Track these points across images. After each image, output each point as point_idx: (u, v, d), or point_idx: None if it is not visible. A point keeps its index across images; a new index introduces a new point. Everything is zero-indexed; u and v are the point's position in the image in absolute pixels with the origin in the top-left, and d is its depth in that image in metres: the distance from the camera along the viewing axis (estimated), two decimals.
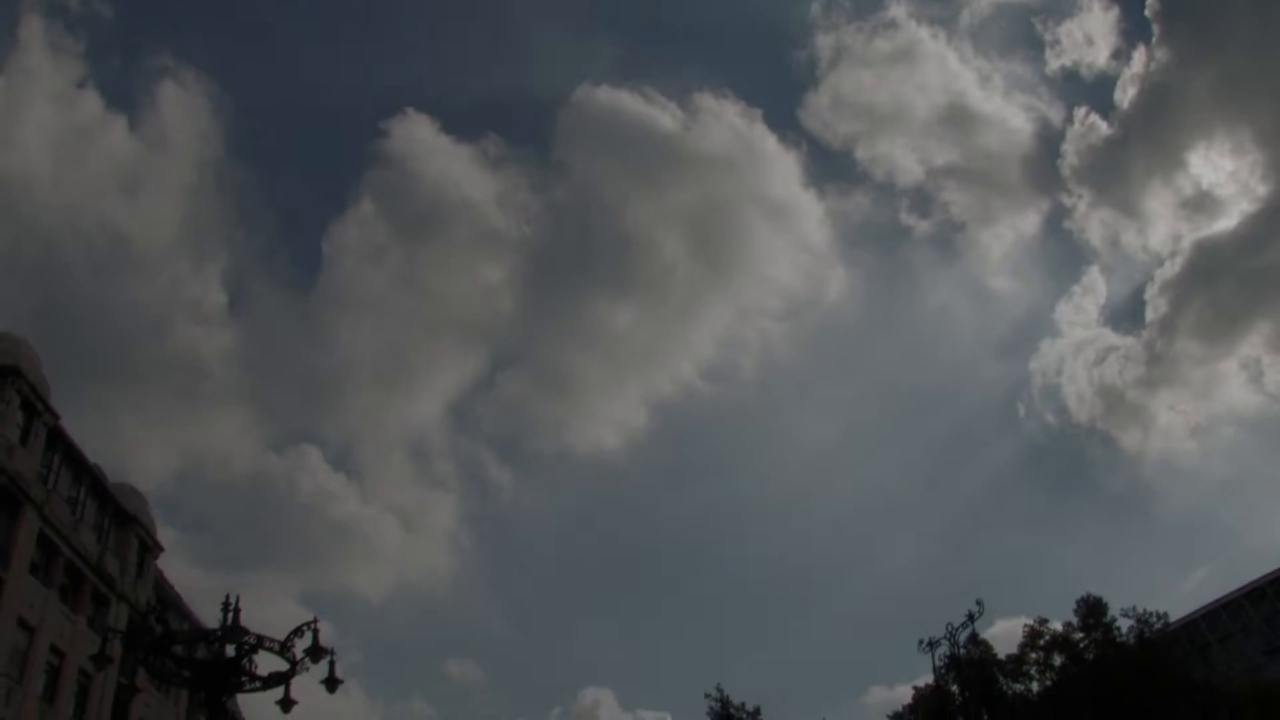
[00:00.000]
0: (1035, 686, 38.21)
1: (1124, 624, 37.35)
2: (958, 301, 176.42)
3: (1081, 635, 37.77)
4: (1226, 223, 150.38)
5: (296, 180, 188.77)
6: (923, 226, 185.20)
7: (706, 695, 48.88)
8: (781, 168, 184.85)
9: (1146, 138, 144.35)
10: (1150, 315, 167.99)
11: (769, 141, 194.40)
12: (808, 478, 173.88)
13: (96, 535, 47.01)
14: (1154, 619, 37.23)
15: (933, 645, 28.07)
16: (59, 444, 44.39)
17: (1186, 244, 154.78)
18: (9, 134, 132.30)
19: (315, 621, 13.94)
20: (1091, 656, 37.17)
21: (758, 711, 48.71)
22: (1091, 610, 37.58)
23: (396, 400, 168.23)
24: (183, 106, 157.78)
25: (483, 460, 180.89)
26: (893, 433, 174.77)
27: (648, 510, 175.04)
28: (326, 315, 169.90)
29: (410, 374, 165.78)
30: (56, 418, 43.51)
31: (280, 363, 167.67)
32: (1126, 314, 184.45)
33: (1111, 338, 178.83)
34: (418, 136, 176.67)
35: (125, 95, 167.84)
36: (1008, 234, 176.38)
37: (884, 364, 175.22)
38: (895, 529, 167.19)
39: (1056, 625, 38.16)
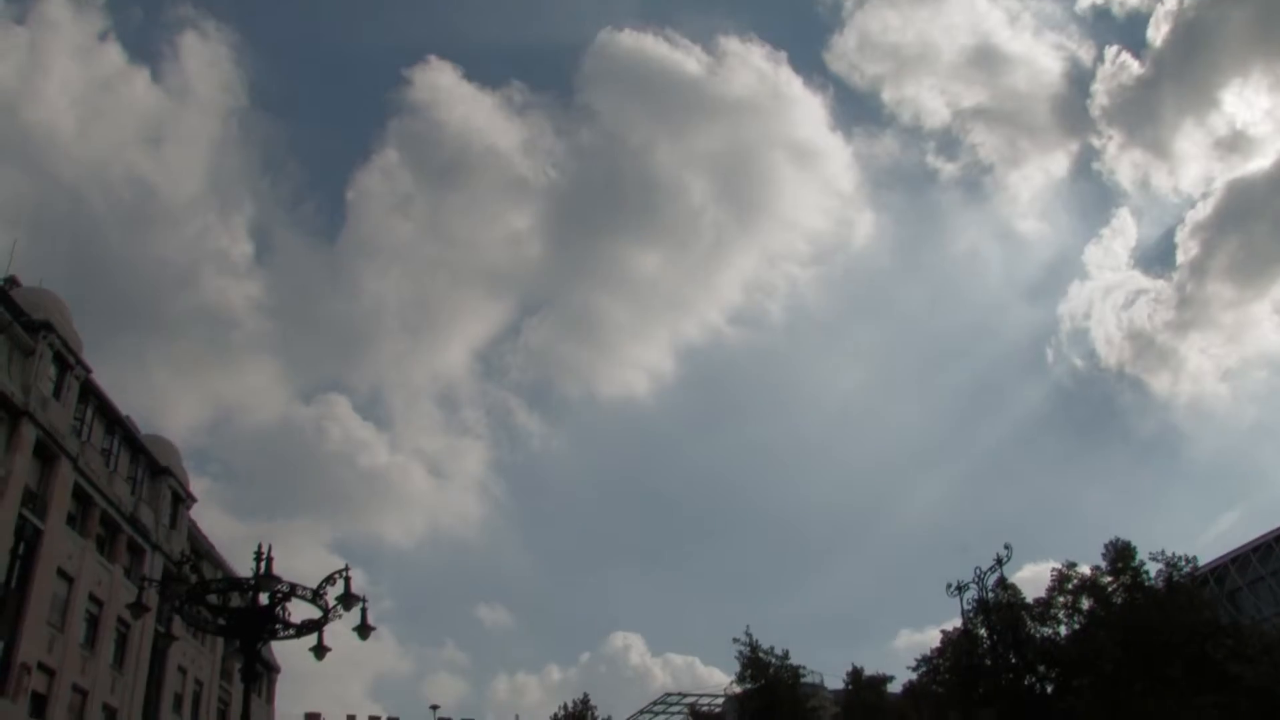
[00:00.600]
0: (1063, 630, 38.28)
1: (1152, 568, 37.31)
2: (986, 245, 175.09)
3: (1109, 579, 37.74)
4: (1261, 162, 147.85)
5: (320, 130, 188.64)
6: (950, 169, 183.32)
7: (735, 640, 49.28)
8: (808, 111, 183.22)
9: (1179, 76, 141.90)
10: (1181, 258, 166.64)
11: (795, 84, 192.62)
12: (836, 423, 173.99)
13: (130, 487, 47.64)
14: (1182, 563, 37.14)
15: (961, 589, 28.19)
16: (91, 397, 44.90)
17: (1219, 185, 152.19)
18: (33, 88, 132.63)
19: (346, 569, 14.09)
20: (1119, 600, 37.17)
21: (786, 655, 49.08)
22: (1119, 554, 37.51)
23: (424, 348, 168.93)
24: (205, 57, 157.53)
25: (511, 407, 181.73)
26: (920, 377, 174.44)
27: (676, 456, 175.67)
28: (353, 264, 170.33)
29: (437, 322, 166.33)
30: (88, 371, 43.96)
31: (308, 312, 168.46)
32: (1156, 257, 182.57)
33: (1141, 280, 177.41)
34: (441, 84, 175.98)
35: (147, 47, 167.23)
36: (1036, 176, 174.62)
37: (912, 308, 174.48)
38: (923, 473, 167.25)
39: (1084, 569, 38.14)
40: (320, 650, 14.68)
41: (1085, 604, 38.02)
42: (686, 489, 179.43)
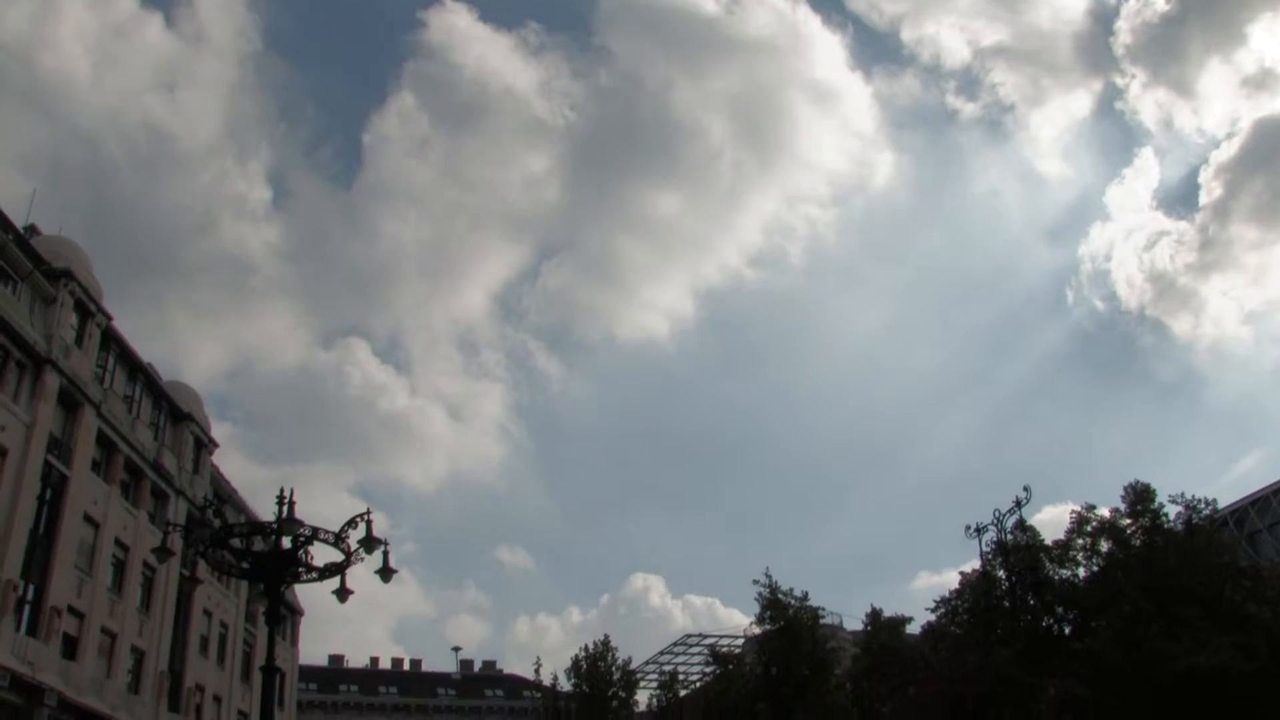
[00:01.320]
0: (1081, 572, 38.30)
1: (1172, 510, 37.18)
2: (1006, 185, 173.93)
3: (1128, 522, 37.67)
4: None
5: (336, 74, 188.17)
6: (971, 109, 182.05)
7: (755, 581, 49.53)
8: (826, 50, 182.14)
9: (1205, 12, 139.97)
10: (1204, 199, 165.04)
11: (813, 23, 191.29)
12: (855, 365, 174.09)
13: (153, 433, 48.09)
14: (1202, 505, 36.99)
15: (980, 531, 28.24)
16: (113, 344, 45.23)
17: (1245, 124, 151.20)
18: (47, 36, 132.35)
19: (368, 513, 14.18)
20: (1138, 543, 37.14)
21: (806, 597, 49.33)
22: (1139, 497, 37.40)
23: (443, 292, 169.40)
24: (218, 2, 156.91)
25: (530, 350, 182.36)
26: (940, 319, 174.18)
27: (695, 398, 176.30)
28: (371, 209, 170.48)
29: (456, 266, 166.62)
30: (109, 318, 44.25)
31: (326, 257, 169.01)
32: (1179, 198, 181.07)
33: (1163, 222, 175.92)
34: (456, 26, 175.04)
35: None
36: (1058, 116, 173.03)
37: (931, 249, 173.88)
38: (942, 416, 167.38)
39: (1103, 512, 38.08)
40: (343, 593, 14.80)
41: (1104, 546, 38.01)
42: (706, 431, 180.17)
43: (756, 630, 50.55)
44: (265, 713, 14.79)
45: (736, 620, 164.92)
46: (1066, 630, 38.74)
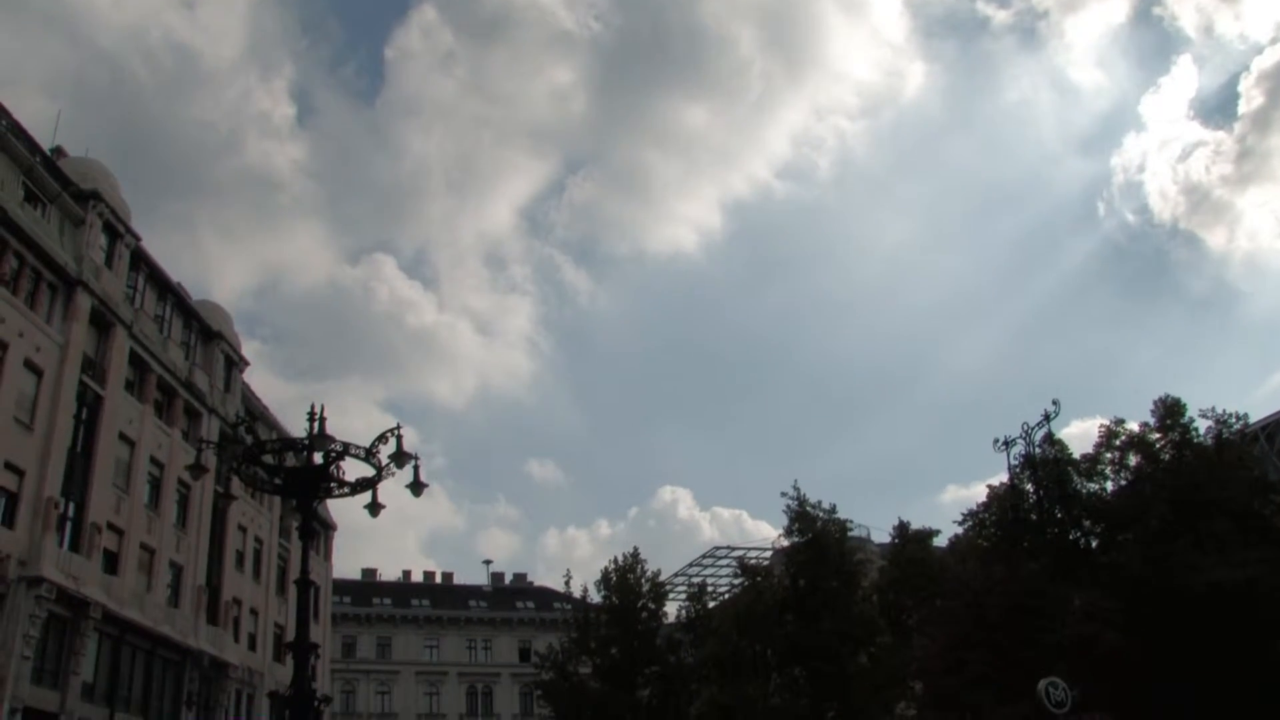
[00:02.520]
0: (1109, 486, 38.28)
1: (1202, 425, 37.01)
2: (1038, 95, 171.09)
3: (1158, 436, 37.53)
4: None
5: None
6: (1003, 16, 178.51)
7: (783, 494, 49.79)
8: None
9: None
10: (1243, 108, 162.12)
11: None
12: (884, 277, 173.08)
13: (184, 352, 48.52)
14: (1233, 420, 36.80)
15: (1008, 445, 28.21)
16: (142, 265, 45.47)
17: None
18: None
19: (398, 428, 14.26)
20: (1167, 457, 37.04)
21: (834, 509, 49.60)
22: (1169, 411, 37.22)
23: (469, 207, 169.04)
24: None
25: (558, 264, 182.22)
26: (969, 231, 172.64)
27: (724, 311, 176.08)
28: (395, 124, 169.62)
29: (482, 180, 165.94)
30: (138, 239, 44.43)
31: (352, 174, 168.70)
32: (1217, 107, 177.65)
33: (1200, 132, 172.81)
34: None
35: None
36: (1093, 23, 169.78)
37: (962, 160, 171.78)
38: (971, 328, 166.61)
39: (1133, 426, 37.97)
40: (374, 507, 14.96)
41: (1132, 460, 37.93)
42: (735, 344, 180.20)
43: (784, 543, 50.90)
44: (300, 625, 15.04)
45: (764, 532, 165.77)
46: (1093, 544, 38.86)
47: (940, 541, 51.60)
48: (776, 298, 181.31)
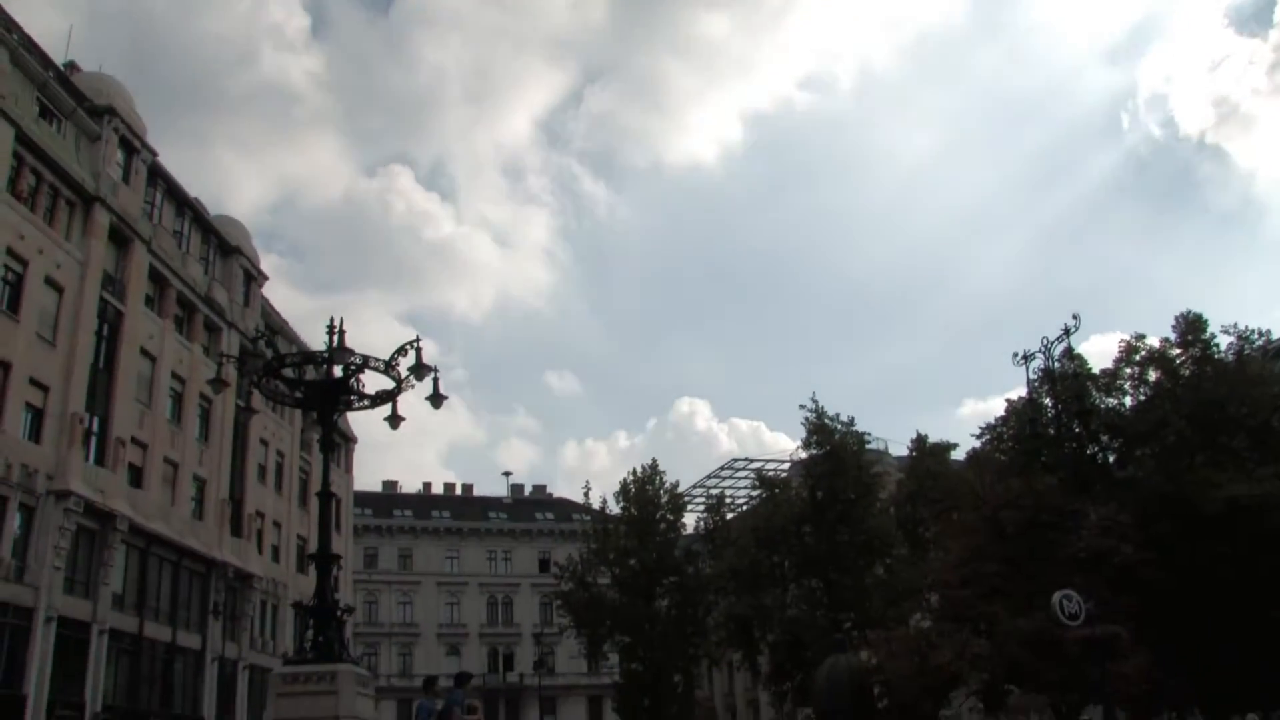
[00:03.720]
0: (1128, 401, 38.20)
1: (1224, 341, 36.77)
2: (1066, 3, 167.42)
3: (1178, 351, 37.31)
4: None
5: None
6: None
7: (801, 406, 50.02)
8: None
9: None
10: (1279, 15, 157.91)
11: None
12: (904, 189, 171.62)
13: (203, 267, 48.62)
14: (1255, 336, 36.56)
15: (1027, 359, 27.96)
16: (159, 180, 45.37)
17: None
18: None
19: (417, 340, 14.28)
20: (1187, 373, 36.88)
21: (852, 422, 49.81)
22: (1190, 326, 36.95)
23: (486, 118, 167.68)
24: None
25: (575, 175, 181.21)
26: (991, 143, 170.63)
27: (743, 223, 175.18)
28: (411, 35, 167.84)
29: (498, 91, 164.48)
30: (154, 154, 44.30)
31: (368, 85, 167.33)
32: (1252, 14, 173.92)
33: (1233, 41, 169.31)
34: None
35: None
36: None
37: (985, 71, 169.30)
38: (993, 241, 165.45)
39: (1153, 341, 37.77)
40: (394, 419, 15.02)
41: (1152, 376, 37.79)
42: (754, 255, 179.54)
43: (802, 455, 51.18)
44: (323, 536, 15.25)
45: (783, 444, 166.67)
46: (1111, 459, 38.91)
47: (958, 455, 51.75)
48: (796, 209, 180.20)
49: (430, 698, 14.68)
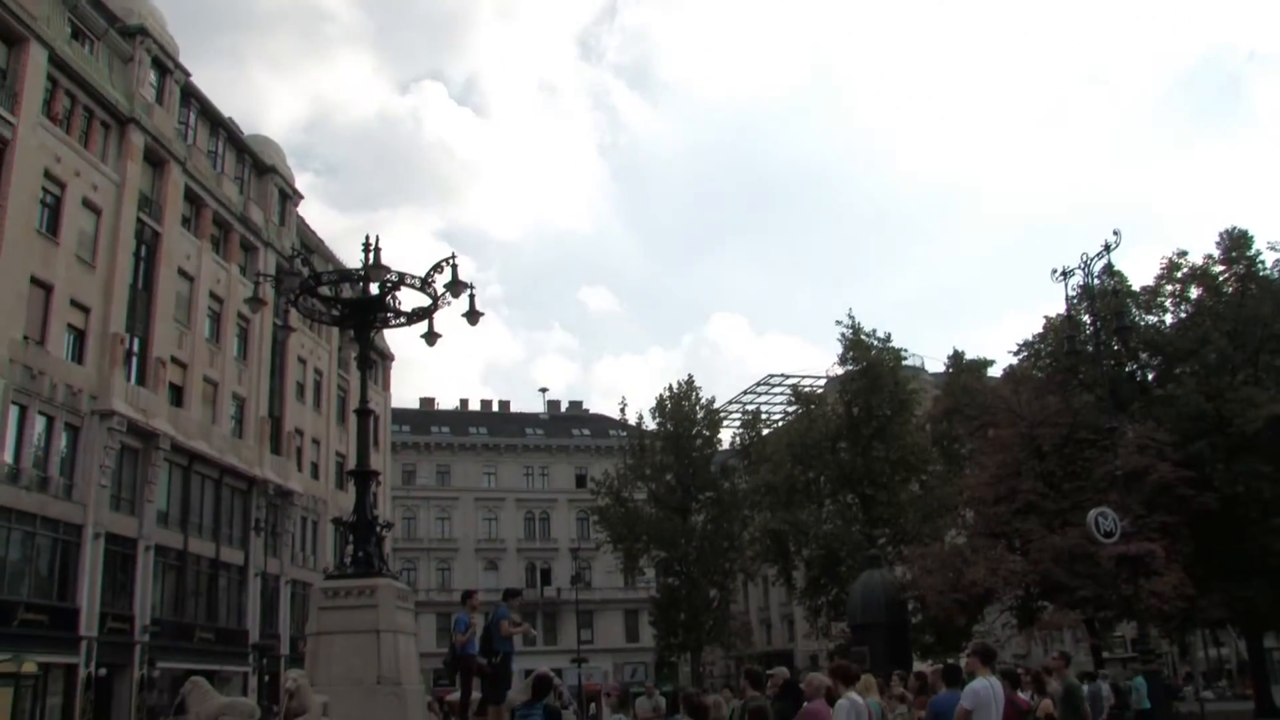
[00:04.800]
0: (1168, 319, 37.81)
1: (1269, 258, 36.23)
2: None
3: (1221, 268, 36.82)
4: None
5: None
6: None
7: (837, 322, 49.88)
8: None
9: None
10: None
11: None
12: (944, 100, 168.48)
13: (238, 187, 48.66)
14: None
15: (1066, 275, 27.54)
16: (193, 100, 45.26)
17: None
18: None
19: (453, 257, 14.22)
20: (1230, 290, 36.40)
21: (888, 338, 49.63)
22: (1235, 243, 36.39)
23: (519, 33, 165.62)
24: None
25: (610, 90, 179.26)
26: (1033, 54, 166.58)
27: (780, 138, 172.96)
28: None
29: (532, 5, 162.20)
30: (187, 74, 44.14)
31: (400, 1, 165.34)
32: None
33: None
34: None
35: None
36: None
37: None
38: (1034, 154, 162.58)
39: (1196, 258, 37.24)
40: (431, 336, 15.05)
41: (1194, 293, 37.33)
42: (790, 170, 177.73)
43: (839, 370, 51.12)
44: (361, 453, 15.40)
45: (819, 360, 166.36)
46: (1149, 377, 38.63)
47: (995, 372, 51.53)
48: (833, 124, 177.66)
49: (468, 611, 14.88)
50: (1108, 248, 27.52)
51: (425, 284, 14.39)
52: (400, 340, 79.95)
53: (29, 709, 27.09)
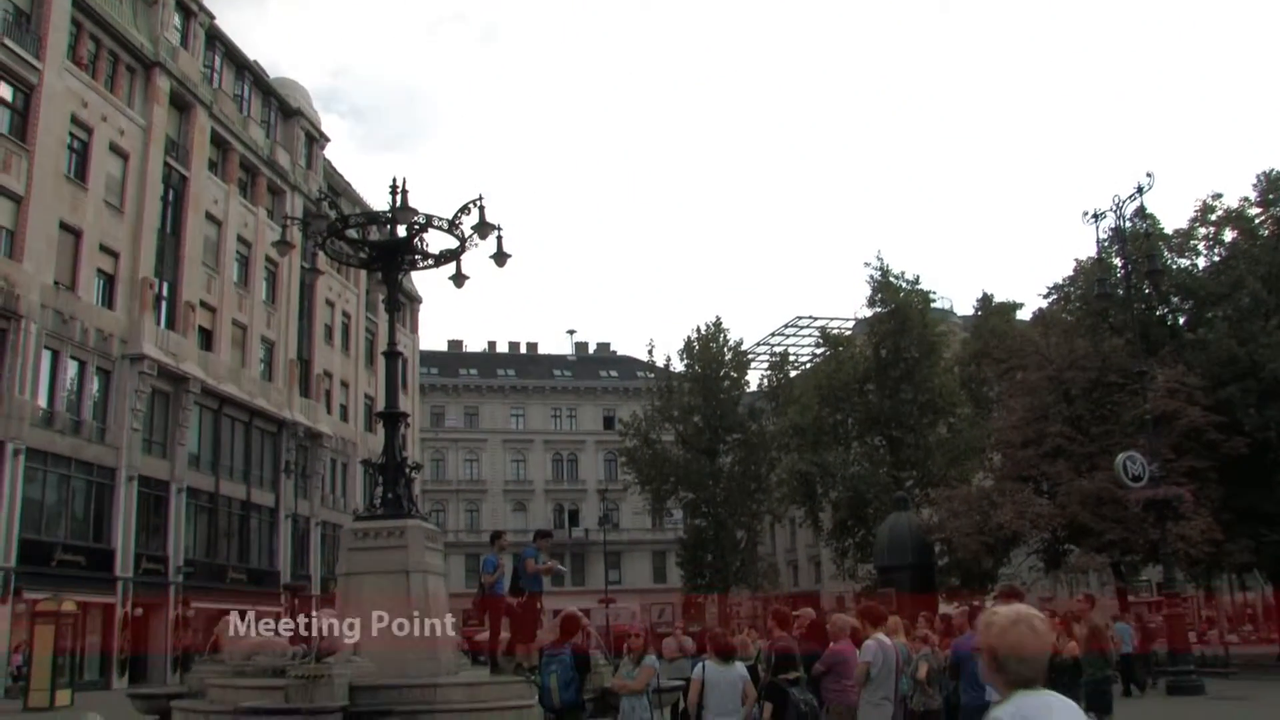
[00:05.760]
0: (1201, 262, 37.42)
1: None
2: None
3: (1258, 211, 36.35)
4: None
5: None
6: None
7: (866, 264, 49.74)
8: None
9: None
10: None
11: None
12: (969, 41, 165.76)
13: (265, 130, 48.60)
14: None
15: (1097, 217, 27.26)
16: (218, 44, 45.18)
17: None
18: None
19: (480, 198, 14.15)
20: (1266, 233, 35.96)
21: (917, 280, 49.38)
22: (1271, 185, 35.86)
23: None
24: None
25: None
26: None
27: (807, 73, 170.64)
28: None
29: None
30: (212, 17, 43.97)
31: None
32: None
33: None
34: None
35: None
36: None
37: None
38: (1064, 85, 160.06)
39: (1231, 201, 36.76)
40: (459, 278, 15.00)
41: (1228, 236, 36.89)
42: (818, 105, 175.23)
43: (867, 313, 50.93)
44: (389, 395, 15.44)
45: (847, 302, 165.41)
46: (1180, 321, 38.30)
47: (1024, 315, 51.23)
48: (858, 58, 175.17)
49: (496, 552, 15.01)
50: (1140, 190, 27.25)
51: (453, 226, 14.33)
52: (428, 282, 79.98)
53: (69, 646, 27.78)
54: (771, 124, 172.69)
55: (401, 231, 14.23)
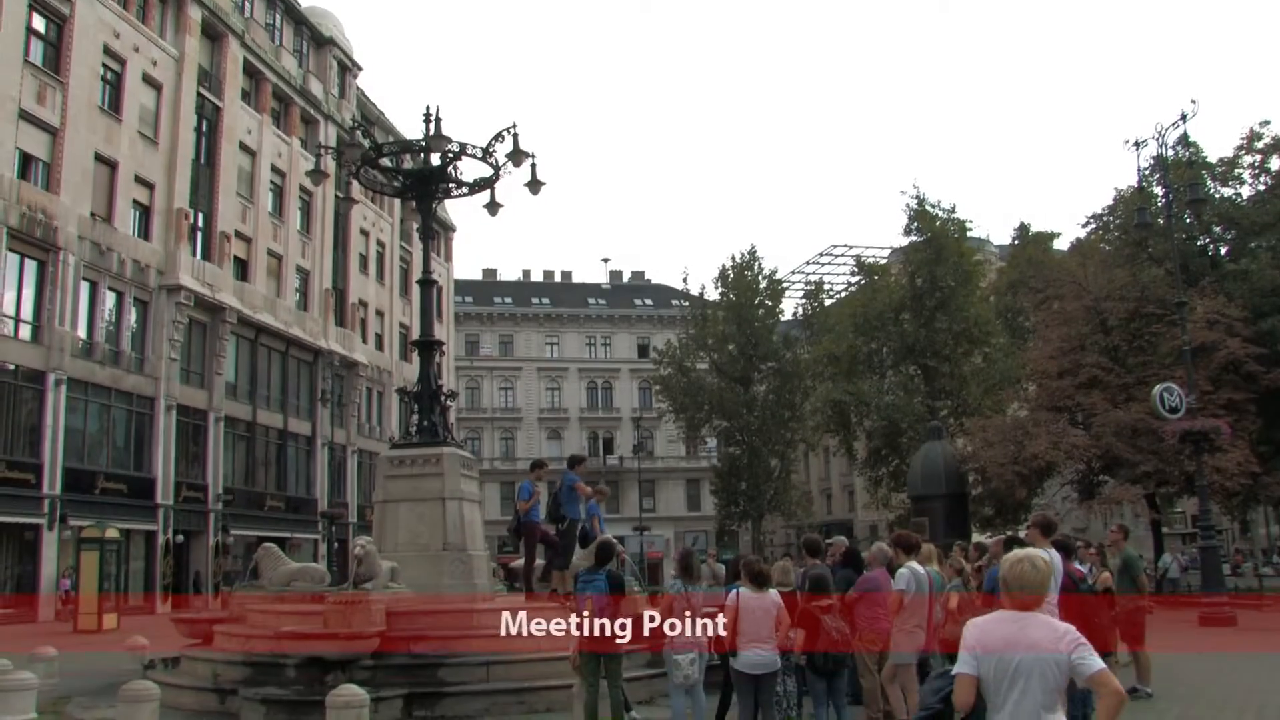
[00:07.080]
0: (1246, 191, 36.76)
1: None
2: None
3: None
4: None
5: None
6: None
7: (902, 192, 49.28)
8: None
9: None
10: None
11: None
12: None
13: (297, 60, 48.44)
14: None
15: (1138, 146, 26.76)
16: None
17: None
18: None
19: (514, 126, 14.09)
20: None
21: (954, 209, 48.75)
22: None
23: None
24: None
25: None
26: None
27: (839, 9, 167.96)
28: None
29: None
30: None
31: None
32: None
33: None
34: None
35: None
36: None
37: None
38: (1106, 12, 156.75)
39: (1278, 129, 35.96)
40: (493, 206, 15.00)
41: (1274, 165, 36.17)
42: (857, 37, 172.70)
43: (903, 241, 50.46)
44: (424, 324, 15.54)
45: (883, 231, 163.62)
46: (1222, 251, 37.75)
47: (1061, 244, 50.63)
48: None
49: (533, 479, 15.14)
50: (1184, 117, 26.72)
51: (487, 154, 14.29)
52: (462, 211, 79.74)
53: (114, 572, 28.44)
54: (809, 49, 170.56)
55: (435, 160, 14.22)
